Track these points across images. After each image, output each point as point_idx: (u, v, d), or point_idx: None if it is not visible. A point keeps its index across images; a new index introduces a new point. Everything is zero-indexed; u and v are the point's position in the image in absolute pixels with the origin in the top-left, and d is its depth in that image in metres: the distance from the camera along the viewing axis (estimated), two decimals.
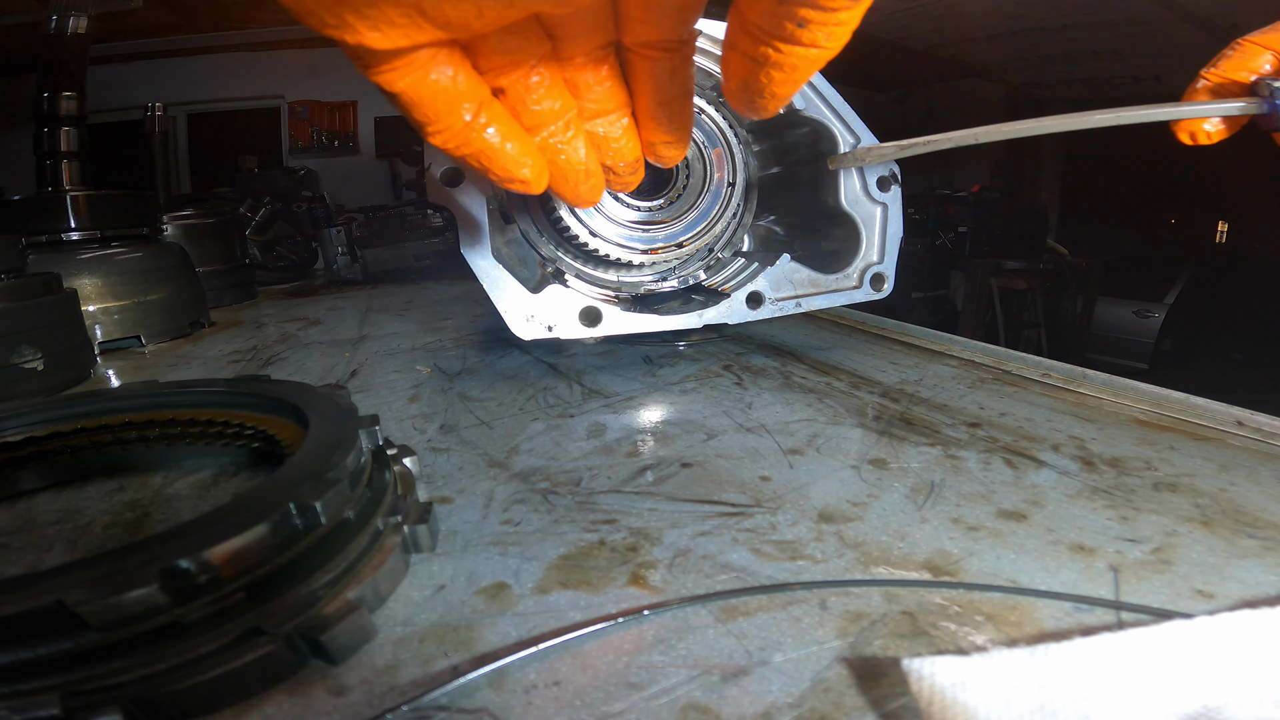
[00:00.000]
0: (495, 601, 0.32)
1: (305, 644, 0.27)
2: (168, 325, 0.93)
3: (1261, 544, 0.35)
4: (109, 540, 0.39)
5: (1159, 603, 0.30)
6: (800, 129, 0.67)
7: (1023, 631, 0.29)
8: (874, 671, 0.26)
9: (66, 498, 0.45)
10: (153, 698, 0.24)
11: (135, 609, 0.24)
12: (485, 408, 0.59)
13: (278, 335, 0.94)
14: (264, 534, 0.28)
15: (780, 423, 0.53)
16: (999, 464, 0.45)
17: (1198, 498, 0.40)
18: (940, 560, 0.34)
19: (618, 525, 0.38)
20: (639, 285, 0.69)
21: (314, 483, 0.31)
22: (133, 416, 0.47)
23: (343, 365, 0.75)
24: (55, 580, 0.24)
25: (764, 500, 0.41)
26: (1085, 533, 0.36)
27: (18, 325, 0.66)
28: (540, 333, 0.60)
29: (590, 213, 0.63)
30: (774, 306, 0.66)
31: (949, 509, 0.39)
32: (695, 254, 0.69)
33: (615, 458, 0.47)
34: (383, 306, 1.12)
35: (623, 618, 0.30)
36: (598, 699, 0.26)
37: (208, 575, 0.26)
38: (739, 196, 0.67)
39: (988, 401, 0.57)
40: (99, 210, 0.91)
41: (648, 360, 0.71)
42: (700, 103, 0.65)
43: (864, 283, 0.67)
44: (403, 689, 0.26)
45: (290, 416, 0.44)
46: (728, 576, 0.33)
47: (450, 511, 0.41)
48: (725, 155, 0.66)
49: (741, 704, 0.25)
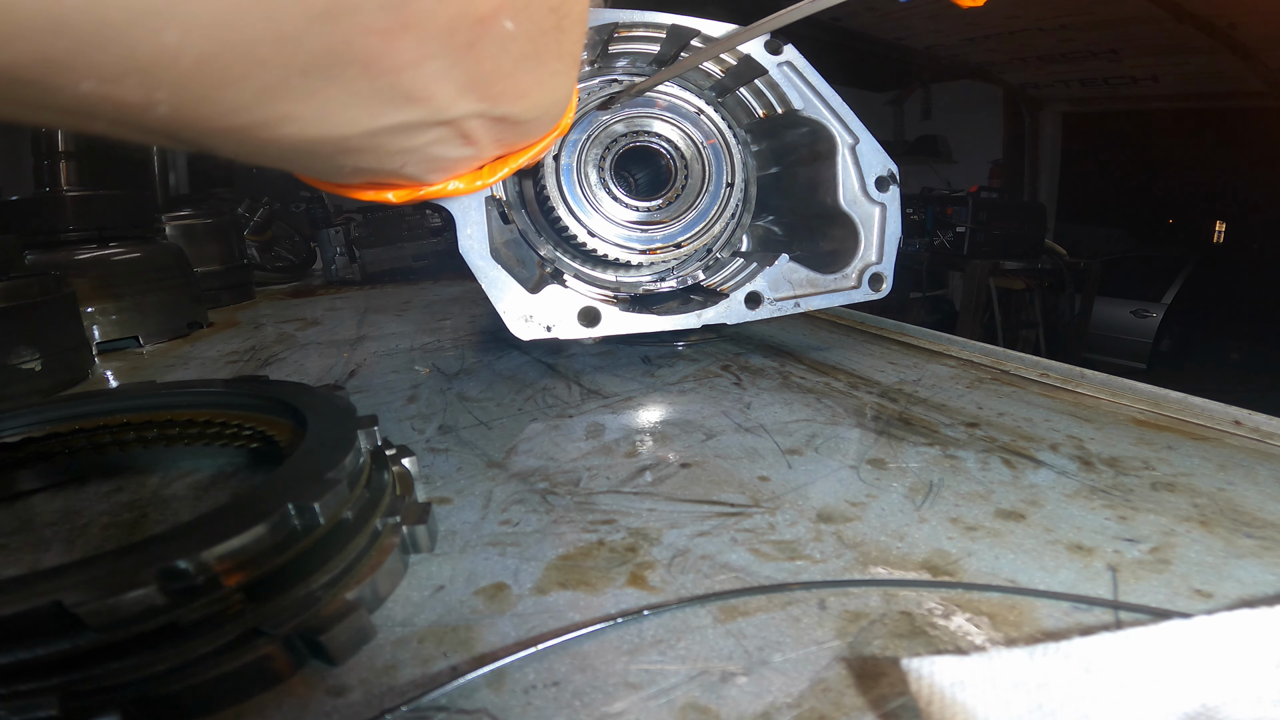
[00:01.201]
0: (494, 602, 0.32)
1: (304, 644, 0.27)
2: (166, 326, 0.92)
3: (1259, 543, 0.35)
4: (107, 541, 0.39)
5: (1157, 602, 0.30)
6: (799, 129, 0.67)
7: (1021, 631, 0.29)
8: (873, 671, 0.27)
9: (64, 498, 0.44)
10: (151, 699, 0.24)
11: (133, 610, 0.24)
12: (484, 408, 0.59)
13: (276, 336, 0.94)
14: (262, 535, 0.28)
15: (779, 423, 0.53)
16: (997, 464, 0.45)
17: (1196, 497, 0.40)
18: (939, 560, 0.34)
19: (616, 525, 0.38)
20: (637, 285, 0.69)
21: (312, 483, 0.31)
22: (131, 417, 0.47)
23: (341, 365, 0.75)
24: (53, 581, 0.24)
25: (763, 500, 0.41)
26: (1083, 532, 0.36)
27: (15, 326, 0.66)
28: (539, 333, 0.60)
29: (588, 212, 0.63)
30: (773, 307, 0.66)
31: (947, 509, 0.39)
32: (693, 254, 0.69)
33: (614, 458, 0.47)
34: (381, 307, 1.12)
35: (622, 618, 0.30)
36: (597, 699, 0.26)
37: (206, 576, 0.26)
38: (738, 197, 0.67)
39: (986, 401, 0.57)
40: (97, 210, 0.91)
41: (646, 360, 0.71)
42: (700, 103, 0.65)
43: (862, 283, 0.67)
44: (402, 689, 0.26)
45: (288, 417, 0.44)
46: (727, 577, 0.33)
47: (449, 512, 0.40)
48: (724, 156, 0.66)
49: (741, 704, 0.25)
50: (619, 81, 0.64)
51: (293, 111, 0.18)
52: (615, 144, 0.63)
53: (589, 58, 0.62)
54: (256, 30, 0.15)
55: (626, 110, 0.63)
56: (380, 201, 0.32)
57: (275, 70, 0.16)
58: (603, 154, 0.63)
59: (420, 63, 0.20)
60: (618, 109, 0.62)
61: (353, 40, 0.17)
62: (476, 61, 0.22)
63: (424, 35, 0.19)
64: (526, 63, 0.25)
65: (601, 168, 0.63)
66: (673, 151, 0.65)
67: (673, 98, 0.65)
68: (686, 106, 0.65)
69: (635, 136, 0.64)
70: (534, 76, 0.26)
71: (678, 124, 0.64)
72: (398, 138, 0.24)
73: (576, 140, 0.62)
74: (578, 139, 0.62)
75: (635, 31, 0.61)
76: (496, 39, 0.22)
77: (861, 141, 0.65)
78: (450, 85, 0.22)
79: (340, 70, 0.18)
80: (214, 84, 0.16)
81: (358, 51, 0.18)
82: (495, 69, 0.23)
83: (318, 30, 0.16)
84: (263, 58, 0.16)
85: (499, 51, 0.22)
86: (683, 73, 0.60)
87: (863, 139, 0.65)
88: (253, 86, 0.17)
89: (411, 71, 0.20)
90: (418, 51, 0.19)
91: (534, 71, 0.26)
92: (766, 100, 0.66)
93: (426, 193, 0.33)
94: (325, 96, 0.19)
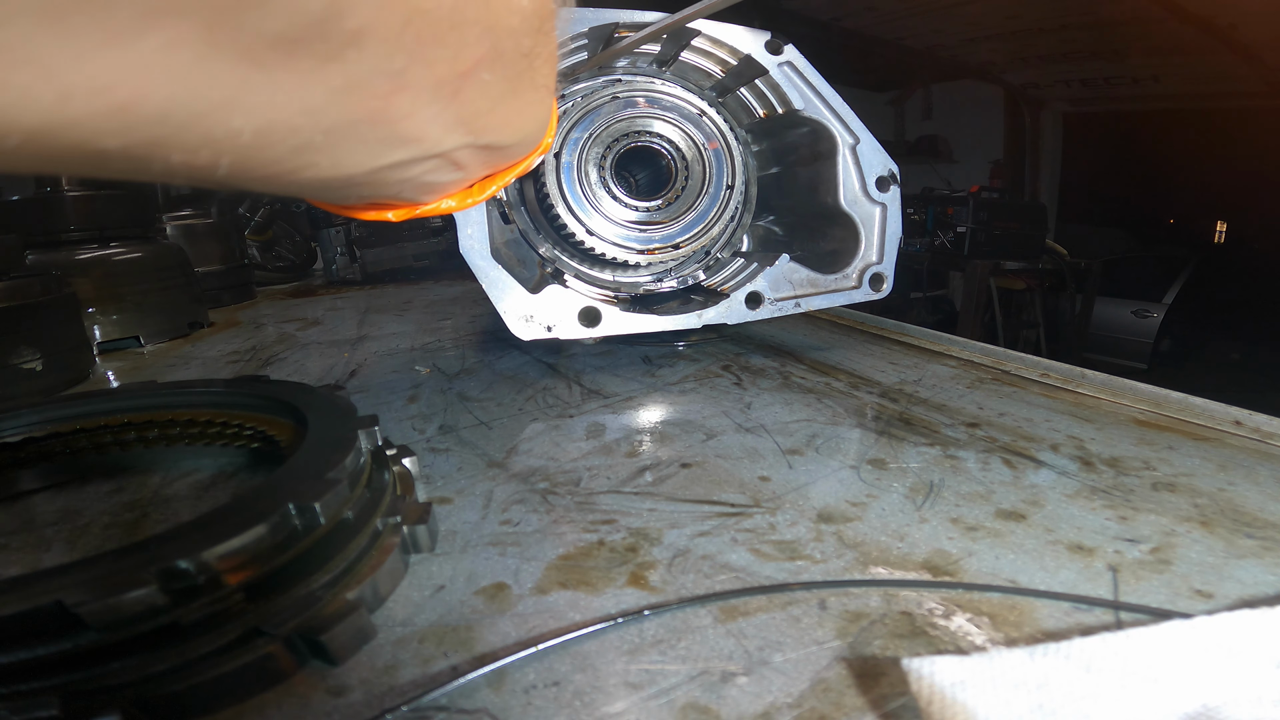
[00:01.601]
0: (494, 602, 0.32)
1: (305, 644, 0.27)
2: (166, 326, 0.93)
3: (1260, 544, 0.35)
4: (108, 541, 0.39)
5: (1158, 603, 0.30)
6: (800, 128, 0.67)
7: (1022, 631, 0.29)
8: (873, 671, 0.27)
9: (65, 498, 0.45)
10: (152, 698, 0.24)
11: (134, 609, 0.24)
12: (484, 408, 0.59)
13: (276, 335, 0.94)
14: (263, 534, 0.28)
15: (779, 423, 0.53)
16: (998, 464, 0.45)
17: (1196, 497, 0.40)
18: (939, 560, 0.34)
19: (617, 525, 0.38)
20: (637, 285, 0.69)
21: (313, 483, 0.31)
22: (132, 417, 0.47)
23: (342, 365, 0.75)
24: (54, 581, 0.24)
25: (763, 500, 0.41)
26: (1084, 533, 0.36)
27: (16, 326, 0.66)
28: (539, 333, 0.60)
29: (588, 210, 0.63)
30: (773, 307, 0.66)
31: (948, 509, 0.39)
32: (692, 255, 0.69)
33: (614, 458, 0.47)
34: (381, 307, 1.12)
35: (622, 618, 0.30)
36: (597, 699, 0.26)
37: (207, 576, 0.26)
38: (737, 199, 0.67)
39: (986, 401, 0.57)
40: (98, 210, 0.91)
41: (647, 360, 0.71)
42: (702, 105, 0.65)
43: (863, 283, 0.67)
44: (402, 689, 0.26)
45: (289, 417, 0.44)
46: (727, 577, 0.33)
47: (449, 512, 0.41)
48: (725, 157, 0.66)
49: (741, 704, 0.25)
50: (621, 81, 0.64)
51: (315, 160, 0.24)
52: (617, 143, 0.63)
53: (589, 58, 0.62)
54: (294, 107, 0.20)
55: (627, 110, 0.63)
56: (381, 220, 0.37)
57: (305, 134, 0.22)
58: (604, 153, 0.63)
59: (415, 113, 0.25)
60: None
61: (362, 103, 0.22)
62: (462, 105, 0.27)
63: (417, 92, 0.24)
64: (506, 99, 0.30)
65: (602, 166, 0.63)
66: (673, 152, 0.65)
67: (675, 98, 0.65)
68: (689, 108, 0.65)
69: (637, 136, 0.64)
70: (513, 109, 0.31)
71: (679, 125, 0.64)
72: (397, 171, 0.29)
73: (578, 138, 0.62)
74: (579, 137, 0.62)
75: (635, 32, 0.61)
76: (478, 86, 0.26)
77: (862, 141, 0.65)
78: (440, 126, 0.27)
79: (352, 127, 0.23)
80: (261, 148, 0.21)
81: (365, 111, 0.23)
82: (478, 109, 0.28)
83: (336, 100, 0.21)
84: (296, 126, 0.21)
85: (480, 95, 0.27)
86: (625, 52, 0.62)
87: (863, 139, 0.65)
88: (287, 146, 0.22)
89: (408, 120, 0.25)
90: (412, 105, 0.24)
91: (513, 105, 0.31)
92: (767, 100, 0.66)
93: (423, 210, 0.38)
94: (340, 148, 0.24)
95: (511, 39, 0.26)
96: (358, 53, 0.19)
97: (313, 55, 0.19)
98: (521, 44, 0.27)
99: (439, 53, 0.22)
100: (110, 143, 0.18)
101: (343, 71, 0.20)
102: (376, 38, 0.19)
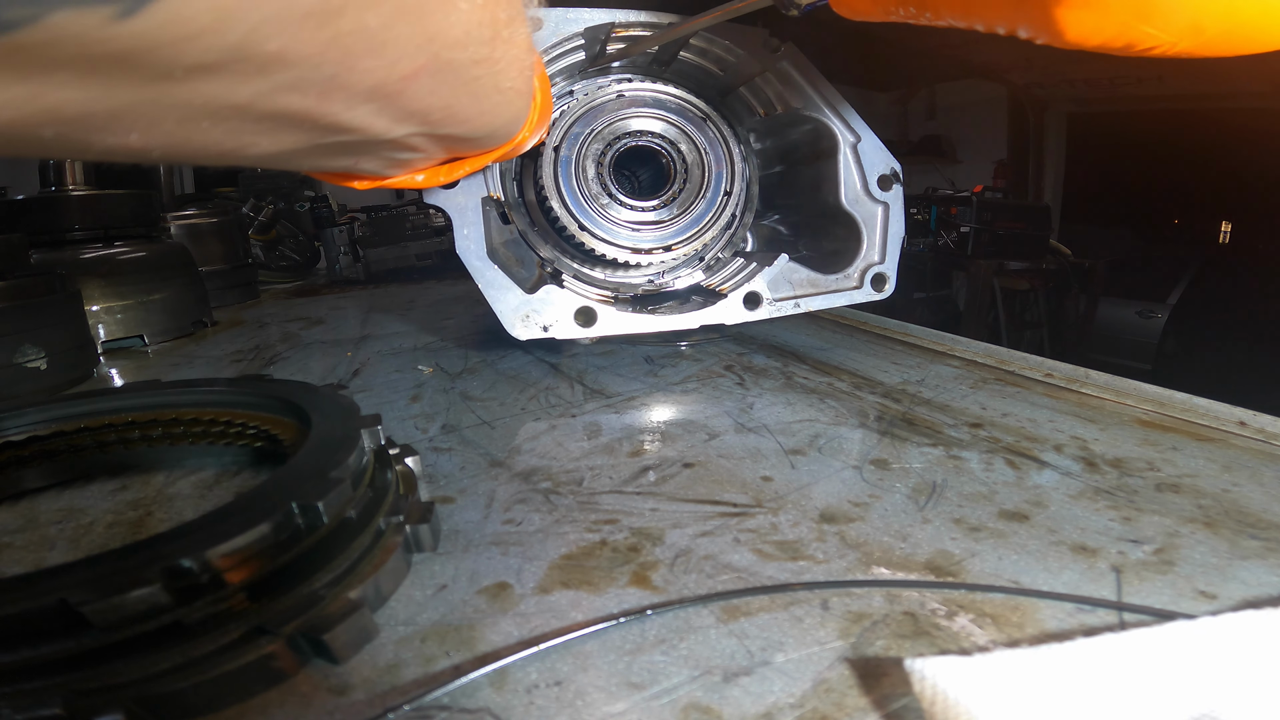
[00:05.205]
0: (497, 601, 0.32)
1: (307, 643, 0.27)
2: (170, 325, 0.93)
3: (1264, 545, 0.35)
4: (111, 539, 0.39)
5: (1161, 604, 0.30)
6: (801, 127, 0.67)
7: (1025, 632, 0.29)
8: (876, 672, 0.26)
9: (69, 497, 0.45)
10: (155, 697, 0.24)
11: (138, 608, 0.24)
12: (487, 407, 0.59)
13: (280, 335, 0.94)
14: (266, 533, 0.28)
15: (782, 423, 0.53)
16: (1001, 464, 0.45)
17: (1200, 498, 0.40)
18: (942, 561, 0.34)
19: (619, 525, 0.38)
20: (635, 286, 0.69)
21: (316, 482, 0.31)
22: (135, 416, 0.47)
23: (345, 365, 0.76)
24: (58, 579, 0.24)
25: (766, 500, 0.41)
26: (1087, 533, 0.36)
27: (21, 325, 0.66)
28: (536, 333, 0.60)
29: (583, 208, 0.63)
30: (772, 307, 0.66)
31: (951, 509, 0.39)
32: (688, 257, 0.69)
33: (617, 458, 0.47)
34: (385, 306, 1.12)
35: (624, 618, 0.30)
36: (599, 699, 0.26)
37: (210, 575, 0.27)
38: (734, 204, 0.67)
39: (990, 402, 0.57)
40: (102, 210, 0.92)
41: (649, 360, 0.71)
42: (704, 106, 0.65)
43: (865, 283, 0.67)
44: (404, 688, 0.26)
45: (292, 416, 0.44)
46: (729, 577, 0.33)
47: (452, 511, 0.41)
48: (725, 161, 0.66)
49: (743, 704, 0.25)
50: (624, 80, 0.64)
51: (255, 141, 0.26)
52: (618, 141, 0.63)
53: (588, 57, 0.62)
54: (227, 103, 0.22)
55: (629, 110, 0.63)
56: (350, 186, 0.39)
57: (236, 122, 0.24)
58: (604, 150, 0.63)
59: (352, 109, 0.27)
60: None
61: (296, 101, 0.24)
62: (405, 104, 0.28)
63: (353, 93, 0.26)
64: (460, 99, 0.31)
65: (601, 163, 0.63)
66: (673, 153, 0.65)
67: (680, 100, 0.64)
68: (691, 109, 0.65)
69: (638, 136, 0.64)
70: (473, 108, 0.32)
71: (680, 126, 0.64)
72: (344, 152, 0.30)
73: (579, 134, 0.62)
74: (580, 133, 0.62)
75: (632, 31, 0.61)
76: (421, 89, 0.28)
77: (863, 140, 0.65)
78: (386, 119, 0.29)
79: (287, 118, 0.25)
80: (199, 133, 0.23)
81: (300, 107, 0.25)
82: (426, 107, 0.30)
83: (266, 98, 0.23)
84: (224, 117, 0.23)
85: (427, 95, 0.29)
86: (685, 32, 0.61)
87: (865, 137, 0.65)
88: (225, 130, 0.24)
89: (348, 114, 0.27)
90: (347, 103, 0.26)
91: (471, 105, 0.32)
92: (768, 99, 0.66)
93: (390, 182, 0.40)
94: (280, 133, 0.26)
95: (457, 49, 0.28)
96: (281, 66, 0.21)
97: (234, 73, 0.21)
98: (471, 53, 0.29)
99: (372, 63, 0.24)
100: (45, 132, 0.20)
101: (269, 80, 0.22)
102: (298, 55, 0.21)
